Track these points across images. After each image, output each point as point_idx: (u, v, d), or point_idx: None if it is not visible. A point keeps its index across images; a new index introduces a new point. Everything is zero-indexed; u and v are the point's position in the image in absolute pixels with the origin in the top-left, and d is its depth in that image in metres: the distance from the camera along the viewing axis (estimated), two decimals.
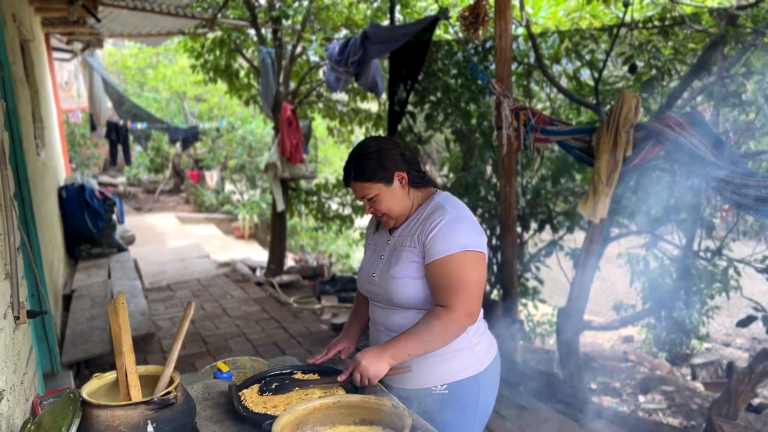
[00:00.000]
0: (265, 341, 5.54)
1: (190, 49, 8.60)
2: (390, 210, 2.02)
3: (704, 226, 4.77)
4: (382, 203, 2.01)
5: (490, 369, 2.08)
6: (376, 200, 2.01)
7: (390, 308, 2.05)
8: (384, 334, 2.07)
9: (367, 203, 2.04)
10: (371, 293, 2.11)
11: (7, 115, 2.89)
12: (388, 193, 2.00)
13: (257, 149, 14.14)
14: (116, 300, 1.66)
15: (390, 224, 2.09)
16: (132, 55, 16.54)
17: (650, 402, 5.05)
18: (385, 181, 1.99)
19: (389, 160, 1.99)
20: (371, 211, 2.06)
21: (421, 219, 2.01)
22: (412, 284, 1.97)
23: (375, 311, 2.13)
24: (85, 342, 4.85)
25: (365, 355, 1.87)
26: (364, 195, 2.02)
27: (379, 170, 1.98)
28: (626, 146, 3.40)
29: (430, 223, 1.95)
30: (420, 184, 2.07)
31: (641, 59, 4.75)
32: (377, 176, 1.98)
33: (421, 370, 2.00)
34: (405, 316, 2.00)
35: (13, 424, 1.87)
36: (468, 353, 2.02)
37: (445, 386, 2.01)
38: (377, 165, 1.98)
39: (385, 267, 2.04)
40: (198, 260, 9.03)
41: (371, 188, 1.99)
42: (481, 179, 5.59)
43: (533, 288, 5.97)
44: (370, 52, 5.30)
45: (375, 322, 2.14)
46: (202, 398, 1.89)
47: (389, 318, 2.05)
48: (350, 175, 2.02)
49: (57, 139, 9.13)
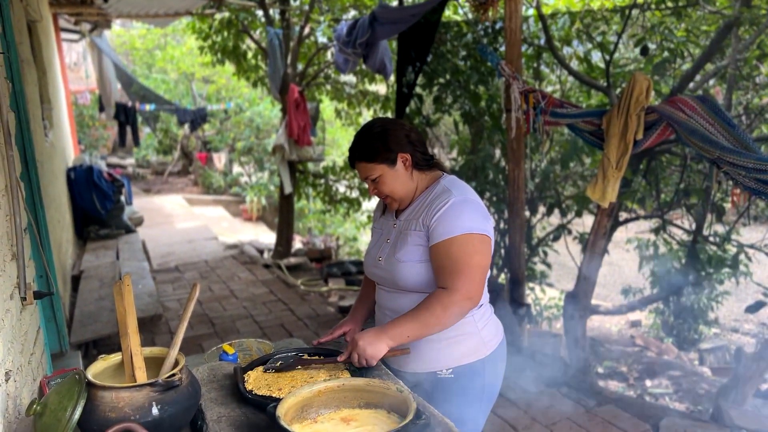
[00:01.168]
0: (273, 323, 5.56)
1: (197, 30, 8.56)
2: (393, 192, 2.02)
3: (714, 210, 4.73)
4: (386, 185, 2.00)
5: (496, 353, 2.07)
6: (379, 181, 2.00)
7: (396, 291, 2.04)
8: (390, 317, 2.06)
9: (371, 184, 2.03)
10: (377, 276, 2.10)
11: (13, 95, 2.88)
12: (392, 175, 2.00)
13: (265, 131, 14.12)
14: (122, 282, 1.65)
15: (394, 206, 2.08)
16: (140, 36, 16.49)
17: (657, 386, 5.05)
18: (389, 162, 1.98)
19: (394, 141, 1.98)
20: (375, 193, 2.05)
21: (426, 202, 1.99)
22: (417, 268, 1.96)
23: (381, 294, 2.13)
24: (93, 322, 4.88)
25: (363, 335, 1.86)
26: (367, 176, 2.01)
27: (383, 151, 1.97)
28: (637, 129, 3.36)
29: (435, 206, 1.93)
30: (425, 166, 2.05)
31: (653, 41, 4.68)
32: (381, 157, 1.97)
33: (426, 354, 2.00)
34: (410, 300, 1.99)
35: (20, 404, 1.88)
36: (474, 338, 2.01)
37: (451, 370, 2.00)
38: (381, 146, 1.97)
39: (391, 250, 2.03)
40: (206, 242, 9.06)
41: (375, 169, 1.99)
42: (490, 162, 5.56)
43: (541, 272, 5.95)
44: (378, 33, 5.24)
45: (381, 306, 2.14)
46: (208, 380, 1.89)
47: (395, 301, 2.05)
48: (355, 155, 2.02)
49: (65, 121, 9.14)
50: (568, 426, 3.67)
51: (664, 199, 5.08)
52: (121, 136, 10.51)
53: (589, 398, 4.00)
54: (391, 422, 1.52)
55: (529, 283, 5.83)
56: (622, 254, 6.27)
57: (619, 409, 3.85)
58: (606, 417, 3.75)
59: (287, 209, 8.32)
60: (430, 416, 1.56)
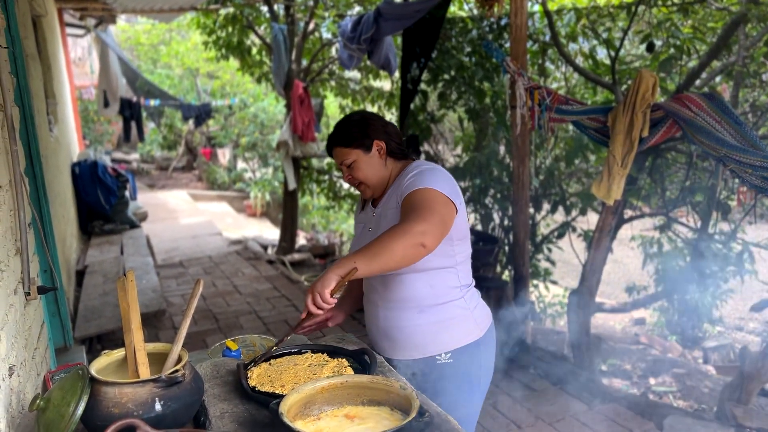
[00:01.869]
0: (276, 319, 5.56)
1: (202, 26, 8.55)
2: (367, 178, 2.09)
3: (720, 208, 4.70)
4: (360, 170, 2.07)
5: (489, 335, 2.13)
6: (354, 167, 2.08)
7: (384, 277, 2.05)
8: (382, 308, 2.09)
9: (345, 170, 2.11)
10: None
11: (18, 90, 2.88)
12: (366, 161, 2.07)
13: (269, 127, 14.12)
14: (125, 278, 1.65)
15: (368, 194, 2.14)
16: (145, 31, 16.49)
17: (661, 384, 5.03)
18: (364, 148, 2.07)
19: (371, 129, 2.08)
20: (348, 179, 2.12)
21: (398, 184, 2.06)
22: None
23: (370, 288, 2.15)
24: (97, 317, 4.89)
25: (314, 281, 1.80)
26: (343, 161, 2.08)
27: (360, 137, 2.06)
28: (643, 127, 3.34)
29: (407, 178, 2.01)
30: (399, 155, 2.13)
31: (659, 38, 4.65)
32: (357, 142, 2.06)
33: (423, 339, 2.04)
34: (401, 285, 2.03)
35: (24, 398, 1.88)
36: (467, 319, 2.06)
37: (449, 354, 2.04)
38: (359, 132, 2.07)
39: (375, 235, 2.06)
40: (210, 237, 9.07)
41: (350, 154, 2.07)
42: (494, 159, 5.54)
43: (545, 269, 5.94)
44: (383, 29, 5.23)
45: (371, 299, 2.15)
46: (211, 376, 1.89)
47: (386, 288, 2.07)
48: (332, 141, 2.11)
49: (70, 115, 9.15)
50: (571, 424, 3.67)
51: (669, 196, 5.06)
52: (126, 132, 10.52)
53: (593, 396, 3.99)
54: (394, 419, 1.52)
55: (533, 281, 5.82)
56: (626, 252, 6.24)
57: (623, 407, 3.84)
58: (610, 415, 3.74)
59: (291, 205, 8.32)
60: (434, 414, 1.55)
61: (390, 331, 2.09)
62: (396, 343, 2.09)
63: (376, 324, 2.13)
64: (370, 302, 2.17)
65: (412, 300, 2.03)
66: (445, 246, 2.00)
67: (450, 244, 2.02)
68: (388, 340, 2.11)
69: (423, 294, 2.02)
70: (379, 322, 2.12)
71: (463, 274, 2.10)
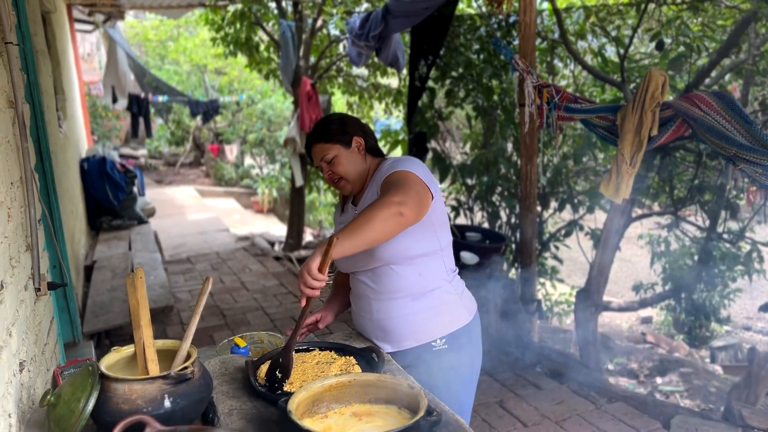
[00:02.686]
0: (283, 315, 5.58)
1: (210, 22, 8.57)
2: (348, 173, 2.12)
3: (728, 207, 4.68)
4: (341, 165, 2.11)
5: (476, 319, 2.20)
6: (334, 162, 2.11)
7: (373, 270, 2.09)
8: (375, 300, 2.10)
9: (326, 167, 2.13)
10: (352, 262, 2.14)
11: (28, 87, 2.89)
12: (346, 156, 2.12)
13: (277, 124, 14.13)
14: (134, 274, 1.66)
15: (347, 189, 2.16)
16: (153, 27, 16.53)
17: (668, 384, 5.02)
18: (344, 143, 2.12)
19: (349, 126, 2.15)
20: (329, 176, 2.15)
21: (375, 180, 2.11)
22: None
23: (358, 284, 2.17)
24: (105, 313, 4.92)
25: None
26: (323, 156, 2.12)
27: (340, 133, 2.13)
28: (652, 126, 3.32)
29: (381, 175, 2.05)
30: (376, 152, 2.21)
31: (669, 36, 4.63)
32: (336, 137, 2.12)
33: (417, 326, 2.08)
34: (392, 275, 2.06)
35: (34, 394, 1.89)
36: (457, 304, 2.12)
37: (444, 339, 2.09)
38: (338, 129, 2.13)
39: None
40: (217, 233, 9.10)
41: (331, 149, 2.11)
42: (502, 157, 5.53)
43: (552, 267, 5.93)
44: (391, 26, 5.22)
45: (361, 294, 2.17)
46: (219, 373, 1.90)
47: (377, 280, 2.09)
48: (312, 139, 2.16)
49: (79, 111, 9.18)
50: (578, 422, 3.66)
51: (678, 195, 5.04)
52: (134, 127, 10.56)
53: (600, 395, 3.99)
54: (401, 418, 1.52)
55: (540, 279, 5.81)
56: (633, 250, 6.22)
57: (630, 407, 3.83)
58: (616, 414, 3.74)
59: (298, 202, 8.33)
60: (442, 412, 1.55)
61: (384, 322, 2.11)
62: (391, 334, 2.12)
63: (369, 317, 2.15)
64: (360, 297, 2.18)
65: (404, 289, 2.06)
66: (428, 232, 2.06)
67: (433, 230, 2.08)
68: (382, 332, 2.13)
69: (413, 282, 2.06)
70: (373, 315, 2.13)
71: (448, 260, 2.17)
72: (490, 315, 4.33)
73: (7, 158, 1.96)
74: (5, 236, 1.79)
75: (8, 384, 1.57)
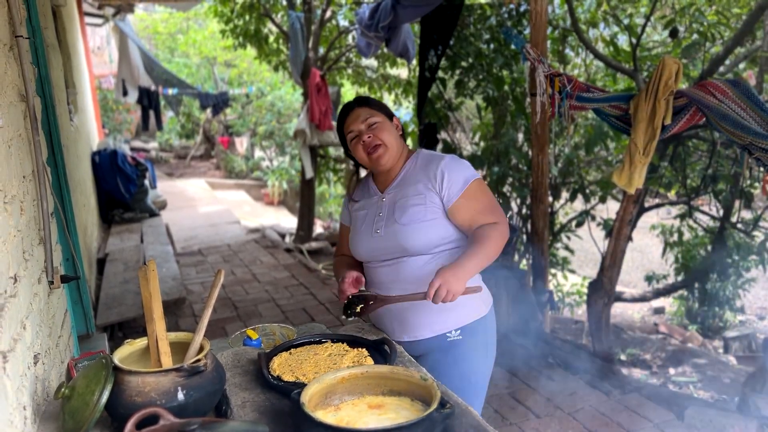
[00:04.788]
0: (294, 307, 5.59)
1: (219, 14, 8.56)
2: (389, 142, 2.11)
3: (743, 197, 4.63)
4: (384, 132, 2.11)
5: (492, 312, 2.21)
6: (378, 127, 2.11)
7: (399, 261, 2.09)
8: (394, 290, 2.09)
9: (366, 130, 2.11)
10: (378, 250, 2.13)
11: (39, 80, 2.90)
12: (388, 127, 2.13)
13: (286, 116, 14.13)
14: (147, 267, 1.66)
15: (383, 159, 2.11)
16: (162, 20, 16.55)
17: (681, 375, 4.99)
18: (388, 116, 2.17)
19: (388, 109, 2.23)
20: (369, 140, 2.10)
21: (416, 170, 2.14)
22: (424, 227, 2.05)
23: (376, 273, 2.16)
24: (118, 305, 4.95)
25: (447, 271, 1.88)
26: (367, 119, 2.11)
27: (383, 107, 2.19)
28: (665, 114, 3.29)
29: (435, 170, 2.08)
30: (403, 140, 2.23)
31: (683, 23, 4.58)
32: (381, 108, 2.17)
33: (436, 317, 2.08)
34: (416, 266, 2.07)
35: (49, 386, 1.90)
36: (475, 300, 2.10)
37: (459, 331, 2.10)
38: (380, 104, 2.21)
39: (389, 220, 2.10)
40: (228, 226, 9.12)
41: (377, 115, 2.13)
42: (513, 147, 5.50)
43: (563, 258, 5.90)
44: (400, 16, 5.19)
45: (379, 282, 2.15)
46: (232, 365, 1.90)
47: (400, 272, 2.09)
48: (358, 101, 2.18)
49: (90, 105, 9.22)
50: (591, 414, 3.65)
51: (691, 184, 5.00)
52: (144, 120, 10.59)
53: (613, 386, 3.97)
54: (414, 410, 1.52)
55: (552, 270, 5.79)
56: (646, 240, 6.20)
57: (643, 398, 3.81)
58: (630, 405, 3.72)
59: (308, 194, 8.33)
60: (455, 405, 1.55)
61: (402, 312, 2.11)
62: (407, 324, 2.12)
63: (387, 306, 2.13)
64: (377, 286, 2.16)
65: (423, 279, 2.03)
66: (451, 225, 2.10)
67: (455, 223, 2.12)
68: (398, 322, 2.13)
69: (432, 273, 2.01)
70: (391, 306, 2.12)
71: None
72: (502, 306, 4.32)
73: (19, 152, 1.96)
74: (18, 230, 1.80)
75: (23, 377, 1.58)
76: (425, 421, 1.37)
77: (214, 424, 1.38)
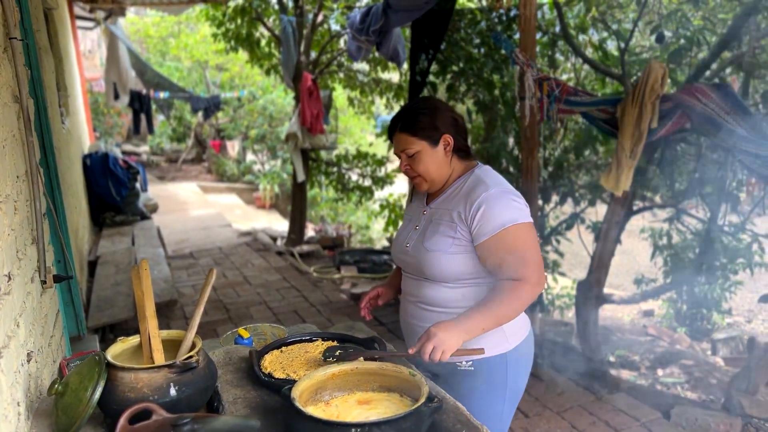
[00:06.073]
0: (286, 309, 5.61)
1: (211, 18, 8.58)
2: (427, 172, 1.95)
3: (729, 200, 4.69)
4: (421, 163, 1.94)
5: (521, 349, 2.01)
6: (416, 158, 1.94)
7: (421, 280, 2.01)
8: (414, 304, 2.04)
9: (405, 159, 1.97)
10: (403, 263, 2.07)
11: (31, 83, 2.92)
12: (430, 154, 1.94)
13: (278, 119, 14.15)
14: (139, 266, 1.69)
15: (423, 187, 2.01)
16: (154, 23, 16.53)
17: (669, 376, 5.05)
18: (431, 140, 1.93)
19: (441, 120, 1.93)
20: (406, 170, 1.98)
21: (461, 193, 1.94)
22: (445, 258, 1.91)
23: (406, 281, 2.10)
24: (110, 307, 4.95)
25: (439, 327, 1.76)
26: (404, 149, 1.95)
27: (429, 128, 1.92)
28: (651, 118, 3.34)
29: (473, 200, 1.88)
30: (464, 154, 2.02)
31: (669, 29, 4.64)
32: (424, 133, 1.92)
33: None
34: (435, 290, 1.97)
35: (42, 384, 1.92)
36: (495, 332, 1.89)
37: (471, 363, 1.95)
38: (428, 122, 1.92)
39: (419, 238, 1.99)
40: (220, 229, 9.13)
41: (415, 144, 1.93)
42: (504, 150, 5.54)
43: (553, 261, 5.94)
44: (391, 20, 5.23)
45: (406, 293, 2.10)
46: (224, 363, 1.92)
47: (420, 290, 2.01)
48: (397, 125, 1.96)
49: (81, 108, 9.20)
50: (579, 413, 3.69)
51: (679, 188, 5.05)
52: (136, 124, 10.58)
53: (601, 386, 4.01)
54: (403, 405, 1.54)
55: None
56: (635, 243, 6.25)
57: (631, 398, 3.86)
58: (617, 405, 3.76)
59: (300, 197, 8.35)
60: (442, 399, 1.58)
61: (415, 327, 2.04)
62: (415, 340, 1.99)
63: (405, 317, 2.10)
64: (405, 297, 2.11)
65: (442, 304, 1.97)
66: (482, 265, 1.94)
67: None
68: (410, 337, 2.09)
69: (451, 300, 1.96)
70: (407, 317, 2.08)
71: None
72: None
73: (13, 152, 1.98)
74: (12, 229, 1.82)
75: (16, 373, 1.60)
76: (413, 414, 1.40)
77: (205, 419, 1.40)
